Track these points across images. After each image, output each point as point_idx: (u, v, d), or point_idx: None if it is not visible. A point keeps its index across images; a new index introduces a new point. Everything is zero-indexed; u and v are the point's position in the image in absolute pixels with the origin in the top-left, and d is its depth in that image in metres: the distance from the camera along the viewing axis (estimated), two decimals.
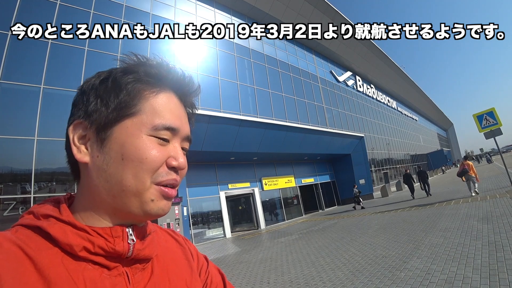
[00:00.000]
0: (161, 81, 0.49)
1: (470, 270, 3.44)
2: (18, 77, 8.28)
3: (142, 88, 0.47)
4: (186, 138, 0.52)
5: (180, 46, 12.96)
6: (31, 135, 8.03)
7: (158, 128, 0.46)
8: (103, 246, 0.43)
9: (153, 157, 0.44)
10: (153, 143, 0.45)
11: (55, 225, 0.42)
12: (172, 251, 0.59)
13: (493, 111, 9.02)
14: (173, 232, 0.67)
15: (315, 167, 19.14)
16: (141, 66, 0.49)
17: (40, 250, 0.39)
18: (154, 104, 0.47)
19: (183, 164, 0.48)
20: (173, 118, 0.48)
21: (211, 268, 0.66)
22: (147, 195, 0.44)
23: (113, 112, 0.45)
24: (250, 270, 5.89)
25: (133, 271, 0.47)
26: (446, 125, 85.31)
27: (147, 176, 0.44)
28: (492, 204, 7.27)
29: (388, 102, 35.49)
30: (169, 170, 0.46)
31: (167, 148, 0.47)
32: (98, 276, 0.42)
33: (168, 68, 0.51)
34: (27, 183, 7.81)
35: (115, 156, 0.44)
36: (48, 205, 0.46)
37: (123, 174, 0.43)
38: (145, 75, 0.48)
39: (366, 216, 10.47)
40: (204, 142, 10.71)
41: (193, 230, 11.68)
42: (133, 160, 0.43)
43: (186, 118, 0.53)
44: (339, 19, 21.81)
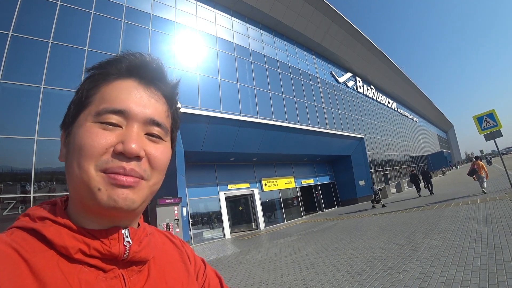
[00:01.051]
0: (119, 71, 0.48)
1: (469, 272, 3.43)
2: (18, 77, 8.29)
3: (99, 81, 0.47)
4: (151, 122, 0.47)
5: (180, 47, 12.97)
6: (31, 135, 8.04)
7: (101, 112, 0.44)
8: (98, 249, 0.43)
9: (90, 142, 0.42)
10: (95, 129, 0.43)
11: (50, 227, 0.42)
12: (169, 254, 0.58)
13: (493, 113, 9.03)
14: (171, 234, 0.66)
15: (315, 168, 19.14)
16: (103, 63, 0.49)
17: (35, 252, 0.39)
18: (103, 92, 0.46)
19: (131, 149, 0.43)
20: (122, 100, 0.45)
21: (209, 271, 0.65)
22: (93, 183, 0.41)
23: (72, 111, 0.47)
24: (249, 271, 5.88)
25: (129, 274, 0.46)
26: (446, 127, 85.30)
27: (88, 163, 0.41)
28: (492, 206, 7.26)
29: (388, 103, 35.49)
30: (115, 157, 0.43)
31: (115, 133, 0.44)
32: (93, 278, 0.41)
33: (130, 58, 0.49)
34: (27, 183, 7.81)
35: (69, 150, 0.45)
36: (44, 207, 0.46)
37: (71, 165, 0.43)
38: (102, 69, 0.48)
39: (366, 218, 10.47)
40: (204, 143, 10.72)
41: (193, 231, 11.67)
42: (75, 148, 0.43)
43: (153, 101, 0.49)
44: (339, 20, 21.86)
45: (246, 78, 15.64)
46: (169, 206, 8.19)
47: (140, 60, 0.50)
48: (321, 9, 19.94)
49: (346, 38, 23.90)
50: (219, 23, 15.36)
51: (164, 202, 8.11)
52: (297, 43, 20.91)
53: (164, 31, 12.62)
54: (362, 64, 27.87)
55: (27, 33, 8.71)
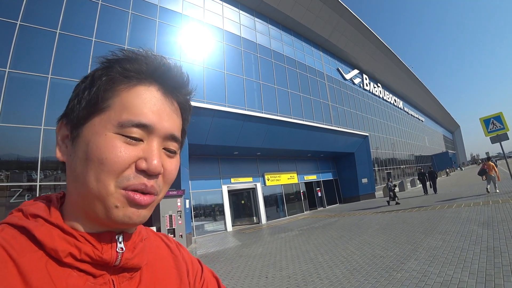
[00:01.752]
0: (140, 75, 0.44)
1: (467, 274, 3.46)
2: (26, 66, 8.39)
3: (117, 83, 0.43)
4: (170, 138, 0.46)
5: (187, 39, 12.95)
6: (38, 124, 8.16)
7: (125, 124, 0.41)
8: (89, 253, 0.41)
9: (114, 158, 0.39)
10: (118, 142, 0.40)
11: (42, 227, 0.40)
12: (163, 259, 0.56)
13: (500, 116, 8.93)
14: (166, 237, 0.64)
15: (318, 164, 19.16)
16: (120, 61, 0.45)
17: (24, 252, 0.37)
18: (125, 98, 0.42)
19: (154, 167, 0.41)
20: (146, 113, 0.42)
21: (206, 273, 0.64)
22: (111, 201, 0.40)
23: (84, 110, 0.43)
24: (249, 264, 5.97)
25: (119, 280, 0.44)
26: (452, 127, 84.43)
27: (109, 179, 0.39)
28: (494, 209, 7.24)
29: (395, 102, 35.19)
30: (137, 173, 0.41)
31: (138, 148, 0.42)
32: (82, 284, 0.39)
33: (151, 60, 0.46)
34: (33, 171, 7.96)
35: (81, 156, 0.41)
36: (39, 203, 0.44)
37: (86, 176, 0.40)
38: (122, 69, 0.44)
39: (367, 216, 10.50)
40: (208, 136, 10.77)
41: (195, 223, 11.82)
42: (94, 160, 0.40)
43: (172, 114, 0.47)
44: (348, 16, 21.59)
45: (252, 72, 15.60)
46: (172, 198, 8.30)
47: (164, 64, 0.46)
48: (330, 4, 19.70)
49: (354, 35, 23.63)
50: (226, 16, 15.28)
51: (167, 194, 8.21)
52: (304, 38, 20.73)
53: (171, 23, 12.60)
54: (370, 61, 27.58)
55: (35, 22, 8.78)
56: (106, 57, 0.45)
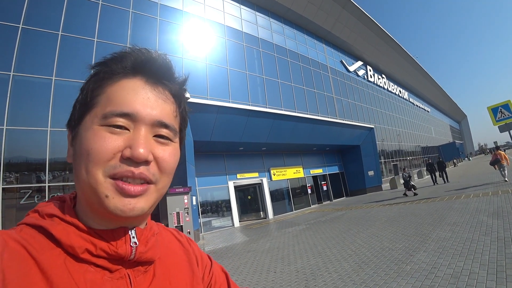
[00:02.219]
0: (124, 70, 0.46)
1: (477, 265, 3.43)
2: (30, 69, 8.46)
3: (103, 80, 0.46)
4: (159, 124, 0.46)
5: (189, 36, 12.90)
6: (44, 126, 8.25)
7: (108, 115, 0.43)
8: (105, 249, 0.43)
9: (98, 147, 0.41)
10: (102, 132, 0.42)
11: (58, 225, 0.42)
12: (175, 253, 0.58)
13: (508, 104, 8.75)
14: (177, 232, 0.66)
15: (323, 158, 19.08)
16: (107, 61, 0.47)
17: (43, 250, 0.39)
18: (110, 92, 0.45)
19: (139, 154, 0.42)
20: (129, 102, 0.44)
21: (215, 267, 0.66)
22: (100, 190, 0.41)
23: (78, 112, 0.46)
24: (258, 259, 6.00)
25: (135, 274, 0.46)
26: (459, 117, 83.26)
27: (96, 168, 0.41)
28: (504, 199, 7.14)
29: (400, 93, 34.74)
30: (123, 161, 0.42)
31: (122, 137, 0.43)
32: (99, 278, 0.42)
33: (135, 55, 0.47)
34: (42, 172, 8.06)
35: (77, 152, 0.44)
36: (53, 203, 0.46)
37: (79, 169, 0.43)
38: (107, 67, 0.46)
39: (374, 208, 10.46)
40: (213, 132, 10.78)
41: (202, 219, 11.90)
42: (82, 153, 0.42)
43: (161, 101, 0.47)
44: (350, 7, 21.27)
45: (255, 67, 15.51)
46: (179, 195, 8.36)
47: (146, 56, 0.48)
48: None
49: (357, 26, 23.29)
50: (227, 12, 15.17)
51: (174, 191, 8.28)
52: (306, 31, 20.51)
53: (172, 21, 12.56)
54: (374, 53, 27.21)
55: (37, 25, 8.82)
56: (95, 62, 0.47)
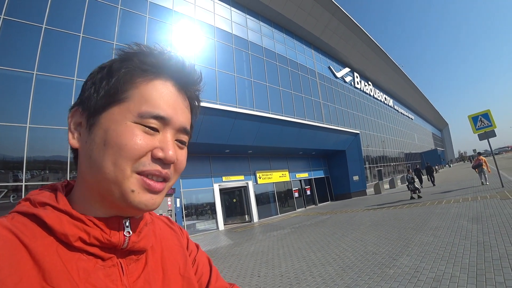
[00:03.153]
0: (157, 69, 0.47)
1: (458, 269, 3.48)
2: (10, 62, 8.09)
3: (135, 76, 0.46)
4: (182, 130, 0.49)
5: (178, 36, 12.77)
6: (23, 122, 7.90)
7: (144, 115, 0.44)
8: (98, 237, 0.43)
9: (133, 145, 0.42)
10: (137, 131, 0.43)
11: (51, 213, 0.42)
12: (167, 241, 0.59)
13: (488, 113, 9.09)
14: (169, 220, 0.67)
15: (309, 162, 19.20)
16: (138, 54, 0.47)
17: (35, 238, 0.39)
18: (144, 91, 0.45)
19: (170, 156, 0.44)
20: (163, 106, 0.45)
21: (200, 256, 0.66)
22: (127, 185, 0.42)
23: (102, 99, 0.45)
24: (242, 262, 5.92)
25: (127, 262, 0.47)
26: (441, 125, 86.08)
27: (126, 164, 0.42)
28: (482, 204, 7.37)
29: (385, 100, 35.61)
30: (153, 161, 0.44)
31: (154, 138, 0.44)
32: (92, 266, 0.42)
33: (167, 56, 0.49)
34: (19, 171, 7.71)
35: (99, 142, 0.43)
36: (46, 192, 0.45)
37: (103, 161, 0.42)
38: (140, 62, 0.46)
39: (359, 213, 10.57)
40: (199, 134, 10.64)
41: (186, 222, 11.69)
42: (113, 146, 0.42)
43: (185, 109, 0.50)
44: (339, 14, 21.67)
45: (243, 70, 15.50)
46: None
47: (180, 63, 0.50)
48: (322, 2, 19.72)
49: (346, 33, 23.75)
50: (217, 13, 15.13)
51: None
52: (296, 36, 20.72)
53: (162, 19, 12.40)
54: (361, 60, 27.79)
55: (20, 17, 8.47)
56: (123, 50, 0.47)
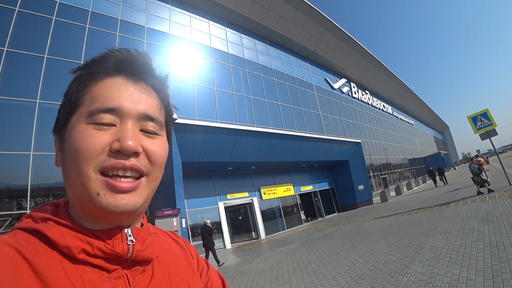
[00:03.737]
0: (106, 69, 0.47)
1: (473, 272, 3.39)
2: (13, 92, 8.28)
3: (86, 81, 0.46)
4: (145, 118, 0.47)
5: (176, 58, 13.07)
6: (27, 150, 7.98)
7: (94, 113, 0.43)
8: (102, 248, 0.42)
9: (86, 144, 0.41)
10: (89, 130, 0.42)
11: (53, 227, 0.41)
12: (173, 253, 0.58)
13: (487, 112, 9.11)
14: (174, 234, 0.65)
15: (313, 174, 19.10)
16: (89, 63, 0.48)
17: (38, 253, 0.38)
18: (94, 91, 0.45)
19: (128, 146, 0.42)
20: (113, 98, 0.44)
21: (212, 271, 0.65)
22: (92, 187, 0.41)
23: (63, 115, 0.46)
24: (251, 280, 5.79)
25: (133, 274, 0.46)
26: (442, 128, 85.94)
27: (86, 165, 0.41)
28: (492, 204, 7.25)
29: (384, 108, 35.78)
30: (113, 155, 0.42)
31: (109, 132, 0.43)
32: (97, 278, 0.41)
33: (115, 54, 0.48)
34: (24, 199, 7.71)
35: (66, 153, 0.44)
36: (47, 208, 0.45)
37: (69, 169, 0.43)
38: (90, 70, 0.47)
39: (366, 222, 10.40)
40: (201, 153, 10.69)
41: (193, 243, 11.51)
42: (71, 152, 0.42)
43: (144, 96, 0.48)
44: (331, 27, 22.20)
45: (241, 87, 15.73)
46: (168, 218, 8.09)
47: (127, 55, 0.49)
48: (313, 17, 20.27)
49: (339, 45, 24.24)
50: (213, 34, 15.54)
51: (163, 214, 8.02)
52: (291, 51, 21.16)
53: (159, 43, 12.74)
54: (356, 70, 28.19)
55: (22, 48, 8.75)
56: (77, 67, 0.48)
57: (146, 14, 12.81)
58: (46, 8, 9.68)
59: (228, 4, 15.72)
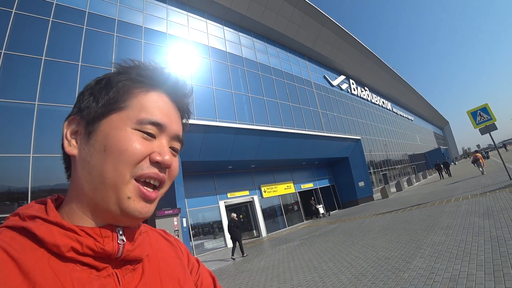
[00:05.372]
0: (153, 82, 0.50)
1: (474, 266, 3.39)
2: (12, 94, 8.28)
3: (133, 87, 0.49)
4: (176, 138, 0.51)
5: (173, 58, 13.04)
6: (26, 153, 7.97)
7: (143, 122, 0.46)
8: (91, 246, 0.42)
9: (133, 149, 0.44)
10: (136, 136, 0.45)
11: (41, 225, 0.41)
12: (164, 251, 0.58)
13: (486, 107, 9.09)
14: (165, 232, 0.66)
15: (313, 172, 19.10)
16: (135, 68, 0.51)
17: (25, 251, 0.38)
18: (142, 100, 0.48)
19: (167, 161, 0.47)
20: (160, 114, 0.48)
21: (202, 269, 0.65)
22: (124, 191, 0.43)
23: (101, 107, 0.47)
24: (252, 279, 5.79)
25: (123, 272, 0.46)
26: (441, 124, 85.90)
27: (126, 168, 0.43)
28: (492, 199, 7.25)
29: (383, 104, 35.74)
30: (151, 165, 0.46)
31: (152, 143, 0.47)
32: (86, 277, 0.40)
33: (161, 70, 0.52)
34: (25, 201, 7.71)
35: (98, 148, 0.44)
36: (35, 206, 0.45)
37: (104, 165, 0.43)
38: (137, 75, 0.49)
39: (367, 219, 10.40)
40: (201, 152, 10.68)
41: (194, 242, 11.54)
42: (113, 151, 0.43)
43: (178, 118, 0.53)
44: (329, 24, 22.14)
45: (240, 86, 15.71)
46: (168, 217, 8.10)
47: (173, 77, 0.54)
48: (311, 14, 20.21)
49: (337, 42, 24.18)
50: (211, 33, 15.50)
51: (163, 214, 8.03)
52: (289, 48, 21.11)
53: (157, 43, 12.71)
54: (355, 66, 28.14)
55: (19, 50, 8.73)
56: (120, 64, 0.50)
57: (143, 14, 12.78)
58: (43, 10, 9.65)
59: (226, 3, 15.67)
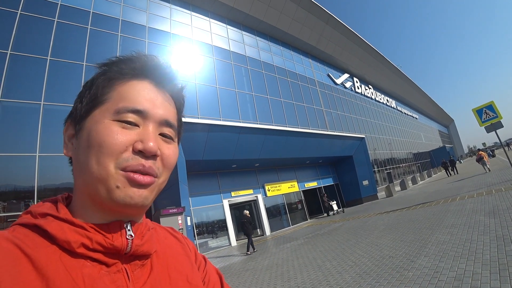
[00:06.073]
0: (134, 71, 0.50)
1: (479, 266, 3.38)
2: (18, 94, 8.37)
3: (113, 79, 0.48)
4: (164, 123, 0.49)
5: (177, 57, 13.08)
6: (32, 152, 8.07)
7: (121, 111, 0.45)
8: (101, 242, 0.43)
9: (111, 140, 0.43)
10: (115, 127, 0.44)
11: (52, 222, 0.42)
12: (172, 248, 0.59)
13: (492, 105, 8.99)
14: (173, 230, 0.67)
15: (317, 170, 19.06)
16: (116, 62, 0.50)
17: (37, 248, 0.39)
18: (121, 91, 0.48)
19: (150, 147, 0.44)
20: (140, 101, 0.47)
21: (209, 267, 0.66)
22: (112, 182, 0.42)
23: (85, 106, 0.47)
24: (257, 277, 5.81)
25: (132, 268, 0.47)
26: (446, 122, 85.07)
27: (108, 160, 0.43)
28: (498, 198, 7.18)
29: (387, 102, 35.49)
30: (135, 155, 0.44)
31: (133, 132, 0.45)
32: (96, 272, 0.41)
33: (143, 58, 0.51)
34: (31, 200, 7.81)
35: (84, 145, 0.45)
36: (46, 204, 0.46)
37: (88, 161, 0.43)
38: (117, 68, 0.49)
39: (372, 217, 10.37)
40: (205, 151, 10.71)
41: (198, 240, 11.60)
42: (94, 145, 0.43)
43: (165, 103, 0.51)
44: (333, 22, 22.02)
45: (244, 85, 15.71)
46: (173, 216, 8.15)
47: (155, 62, 0.52)
48: (315, 12, 20.12)
49: (341, 40, 24.05)
50: (214, 32, 15.51)
51: (168, 212, 8.07)
52: (292, 47, 21.05)
53: (161, 43, 12.75)
54: (359, 65, 27.96)
55: (25, 51, 8.82)
56: (102, 62, 0.51)
57: (147, 13, 12.82)
58: (47, 10, 9.73)
59: (229, 2, 15.66)
